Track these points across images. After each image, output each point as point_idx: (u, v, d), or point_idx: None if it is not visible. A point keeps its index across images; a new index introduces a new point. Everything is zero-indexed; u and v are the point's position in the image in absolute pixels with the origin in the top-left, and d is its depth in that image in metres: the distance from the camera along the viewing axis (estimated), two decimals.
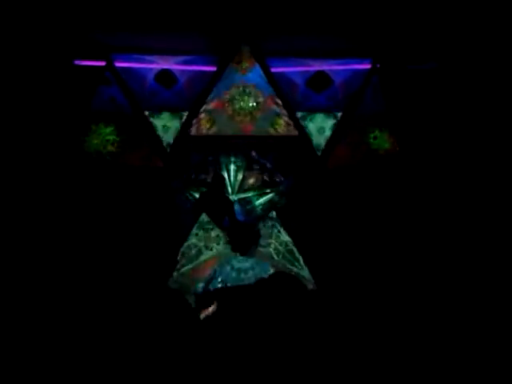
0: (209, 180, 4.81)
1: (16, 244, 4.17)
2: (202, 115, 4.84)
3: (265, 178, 4.83)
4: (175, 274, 4.56)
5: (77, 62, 4.74)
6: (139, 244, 4.45)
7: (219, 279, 4.39)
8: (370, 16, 4.50)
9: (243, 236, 4.03)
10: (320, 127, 4.88)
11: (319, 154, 4.83)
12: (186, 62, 4.90)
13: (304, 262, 4.62)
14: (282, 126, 4.85)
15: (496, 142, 4.48)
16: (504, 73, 4.45)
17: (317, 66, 4.92)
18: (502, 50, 4.38)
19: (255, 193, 4.79)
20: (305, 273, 4.59)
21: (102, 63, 4.77)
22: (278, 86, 4.84)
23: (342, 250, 4.54)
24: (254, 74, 4.84)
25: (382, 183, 4.72)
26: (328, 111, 4.91)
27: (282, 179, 4.81)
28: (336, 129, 4.86)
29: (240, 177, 4.80)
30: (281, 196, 4.80)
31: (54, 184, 4.46)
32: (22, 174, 4.39)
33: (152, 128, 4.79)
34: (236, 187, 4.78)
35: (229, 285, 4.27)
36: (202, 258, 4.65)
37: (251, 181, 4.81)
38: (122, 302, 3.50)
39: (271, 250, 4.71)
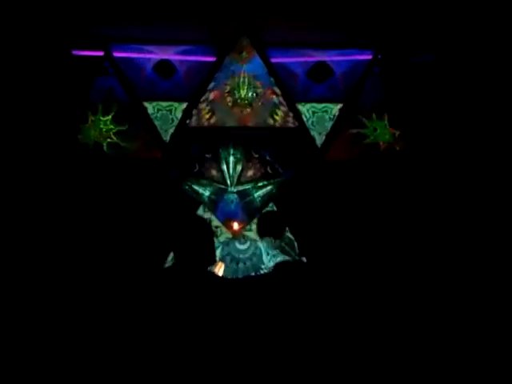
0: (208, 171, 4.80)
1: (10, 238, 4.17)
2: (201, 106, 4.80)
3: (264, 170, 4.79)
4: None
5: (75, 52, 4.70)
6: (137, 236, 4.46)
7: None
8: (371, 6, 4.45)
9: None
10: (320, 119, 4.83)
11: (319, 145, 4.80)
12: (184, 52, 4.85)
13: (303, 254, 4.63)
14: (282, 117, 4.81)
15: (499, 135, 4.44)
16: (507, 65, 4.40)
17: (317, 57, 4.86)
18: (504, 41, 4.33)
19: (254, 185, 4.76)
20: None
21: (100, 53, 4.72)
22: (278, 76, 4.78)
23: (342, 243, 4.53)
24: (253, 64, 4.79)
25: (383, 175, 4.70)
26: (328, 102, 4.86)
27: (282, 171, 4.77)
28: (336, 120, 4.81)
29: (239, 169, 4.77)
30: (280, 188, 4.77)
31: (51, 175, 4.46)
32: (19, 166, 4.39)
33: (150, 119, 4.75)
34: (235, 179, 4.76)
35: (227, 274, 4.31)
36: None
37: (250, 173, 4.78)
38: (117, 294, 3.51)
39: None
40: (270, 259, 4.52)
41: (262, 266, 4.50)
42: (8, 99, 4.43)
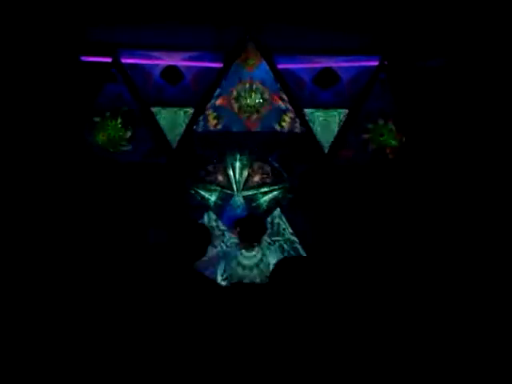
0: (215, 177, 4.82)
1: (15, 242, 4.20)
2: (208, 112, 4.82)
3: (270, 175, 4.80)
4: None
5: (83, 58, 4.75)
6: (142, 241, 4.47)
7: (224, 275, 4.43)
8: (377, 12, 4.47)
9: (252, 228, 4.25)
10: (327, 124, 4.84)
11: (326, 151, 4.80)
12: (192, 59, 4.89)
13: (309, 260, 4.62)
14: (289, 122, 4.82)
15: (506, 139, 4.43)
16: None
17: (324, 63, 4.89)
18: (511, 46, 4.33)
19: (260, 190, 4.77)
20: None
21: (109, 59, 4.77)
22: (285, 82, 4.80)
23: (348, 249, 4.52)
24: (260, 70, 4.81)
25: (390, 181, 4.69)
26: (335, 108, 4.87)
27: (288, 176, 4.78)
28: (343, 126, 4.81)
29: (245, 174, 4.77)
30: (286, 193, 4.78)
31: (59, 179, 4.49)
32: (27, 170, 4.42)
33: (157, 124, 4.78)
34: (241, 184, 4.77)
35: (233, 281, 4.31)
36: (207, 255, 4.65)
37: (257, 178, 4.78)
38: (122, 298, 3.51)
39: (276, 247, 4.71)
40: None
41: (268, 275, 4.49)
42: (17, 104, 4.48)
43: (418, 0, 4.36)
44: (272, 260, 4.37)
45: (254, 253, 4.39)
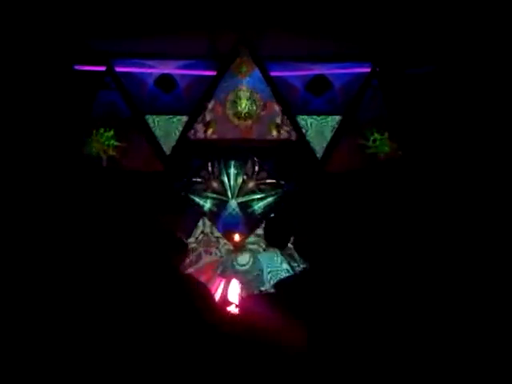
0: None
1: (13, 249, 4.19)
2: (202, 119, 4.85)
3: (264, 182, 4.82)
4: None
5: (77, 67, 4.77)
6: (138, 249, 4.46)
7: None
8: (369, 19, 4.51)
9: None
10: (319, 131, 4.88)
11: (319, 157, 4.83)
12: (185, 67, 4.93)
13: (303, 266, 4.64)
14: (282, 129, 4.85)
15: (497, 144, 4.48)
16: (504, 75, 4.45)
17: (316, 70, 4.94)
18: (501, 52, 4.38)
19: (255, 196, 4.79)
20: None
21: (102, 68, 4.79)
22: (278, 89, 4.84)
23: (342, 256, 4.53)
24: (253, 78, 4.86)
25: (383, 187, 4.72)
26: (327, 115, 4.91)
27: (282, 183, 4.80)
28: (335, 133, 4.86)
29: (240, 181, 4.80)
30: (280, 200, 4.80)
31: (53, 189, 4.48)
32: (21, 180, 4.41)
33: (152, 132, 4.80)
34: (236, 191, 4.79)
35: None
36: (202, 262, 4.67)
37: (251, 185, 4.81)
38: (120, 306, 3.52)
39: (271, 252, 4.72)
40: (270, 277, 4.54)
41: (263, 283, 4.51)
42: (11, 113, 4.48)
43: (408, 7, 4.40)
44: (266, 265, 4.39)
45: (247, 261, 4.40)
